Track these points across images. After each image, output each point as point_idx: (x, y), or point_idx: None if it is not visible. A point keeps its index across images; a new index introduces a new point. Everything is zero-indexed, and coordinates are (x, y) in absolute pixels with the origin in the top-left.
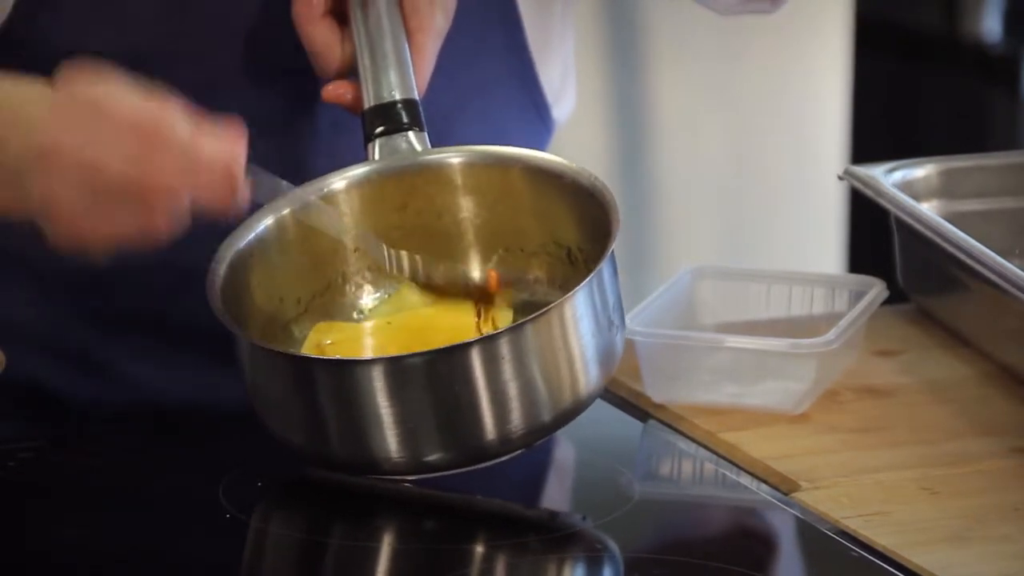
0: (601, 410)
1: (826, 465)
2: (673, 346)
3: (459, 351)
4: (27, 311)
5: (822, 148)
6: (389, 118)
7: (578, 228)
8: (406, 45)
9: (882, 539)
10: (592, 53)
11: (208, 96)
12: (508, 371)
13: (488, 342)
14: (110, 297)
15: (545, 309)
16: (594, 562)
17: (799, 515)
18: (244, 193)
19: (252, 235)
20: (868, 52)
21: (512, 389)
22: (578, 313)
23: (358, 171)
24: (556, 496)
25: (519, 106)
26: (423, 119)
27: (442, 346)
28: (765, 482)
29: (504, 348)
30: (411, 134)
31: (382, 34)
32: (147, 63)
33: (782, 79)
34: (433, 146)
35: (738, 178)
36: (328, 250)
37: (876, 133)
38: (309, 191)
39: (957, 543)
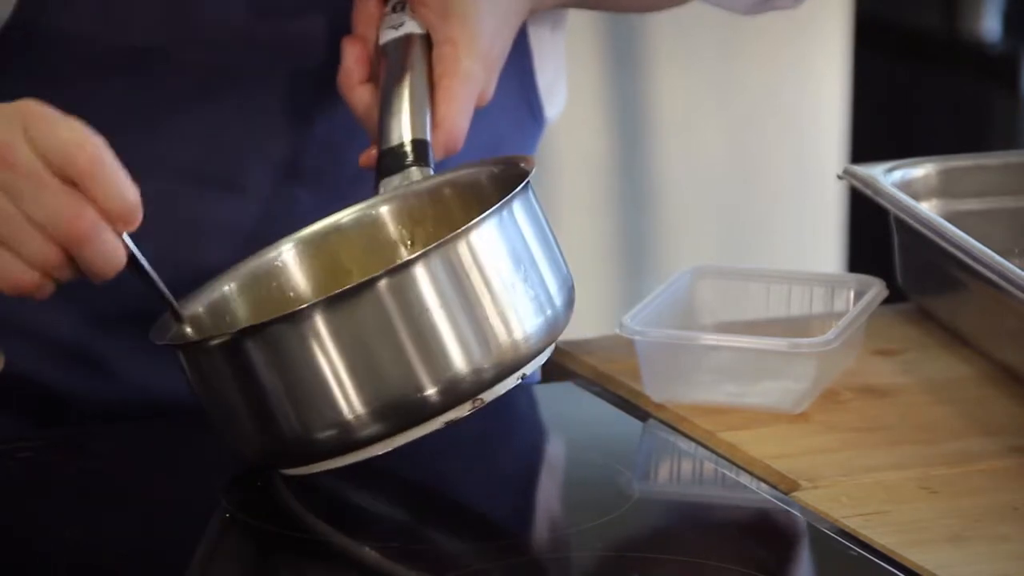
0: (601, 410)
1: (826, 464)
2: (673, 346)
3: (366, 286)
4: (26, 308)
5: (822, 148)
6: (395, 159)
7: None
8: (426, 91)
9: (882, 538)
10: (591, 53)
11: (210, 95)
12: (424, 303)
13: (394, 273)
14: (110, 295)
15: (452, 235)
16: (593, 562)
17: (799, 514)
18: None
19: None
20: (868, 52)
21: (434, 326)
22: (487, 245)
23: (296, 241)
24: (554, 495)
25: (514, 106)
26: (430, 156)
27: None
28: (765, 481)
29: (415, 279)
30: (413, 170)
31: (401, 85)
32: (152, 61)
33: (782, 79)
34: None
35: (738, 178)
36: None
37: (876, 133)
38: (252, 266)
39: (956, 543)
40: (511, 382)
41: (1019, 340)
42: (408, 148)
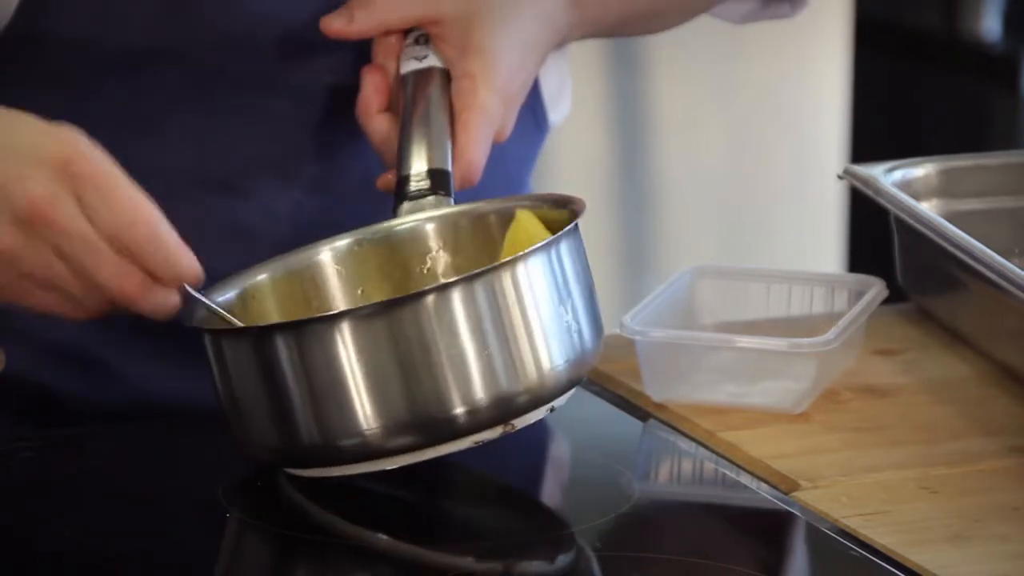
0: (601, 409)
1: (826, 464)
2: (673, 346)
3: (407, 300)
4: (26, 310)
5: (822, 148)
6: (416, 185)
7: None
8: (447, 123)
9: (882, 538)
10: (591, 53)
11: (210, 98)
12: (462, 326)
13: (438, 292)
14: None
15: (496, 264)
16: (594, 562)
17: (799, 514)
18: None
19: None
20: (868, 52)
21: (469, 349)
22: (531, 279)
23: (341, 242)
24: (555, 495)
25: (519, 115)
26: (451, 186)
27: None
28: (765, 481)
29: (456, 301)
30: (433, 199)
31: (423, 115)
32: (152, 62)
33: (782, 79)
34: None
35: (738, 178)
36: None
37: (876, 133)
38: (292, 261)
39: (957, 543)
40: (540, 412)
41: (1019, 340)
42: (430, 176)
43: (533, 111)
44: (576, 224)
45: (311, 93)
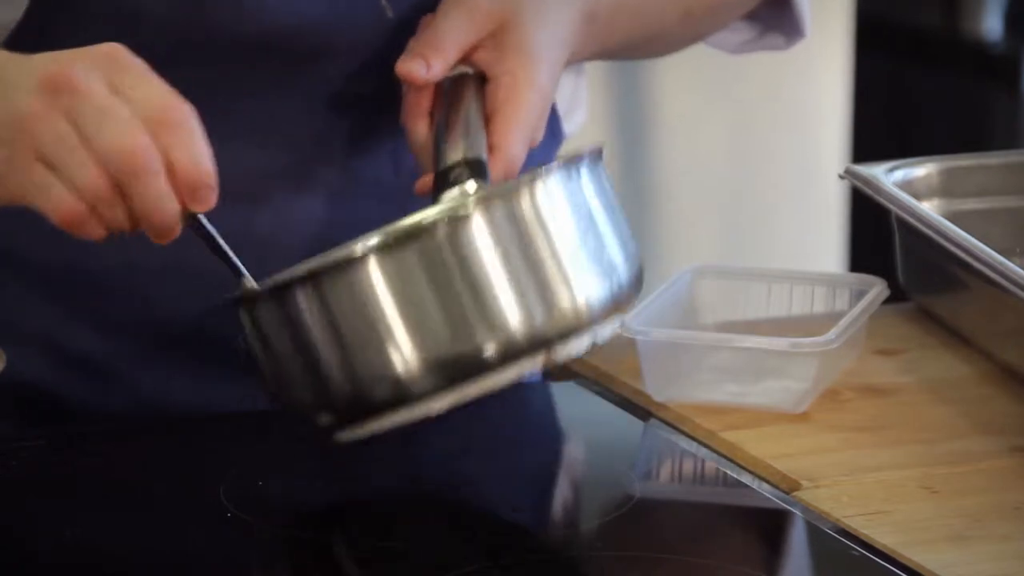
0: (602, 409)
1: (827, 464)
2: (674, 345)
3: (424, 229)
4: (28, 313)
5: (822, 148)
6: (454, 175)
7: None
8: (481, 120)
9: (883, 538)
10: None
11: (216, 99)
12: (480, 252)
13: (454, 219)
14: (111, 300)
15: (515, 182)
16: (594, 562)
17: (800, 514)
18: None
19: None
20: (868, 52)
21: (489, 277)
22: (552, 199)
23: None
24: (556, 495)
25: None
26: (487, 175)
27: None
28: (766, 481)
29: (474, 226)
30: (471, 183)
31: (458, 114)
32: (160, 66)
33: (783, 79)
34: None
35: (739, 178)
36: None
37: (876, 133)
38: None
39: (958, 542)
40: (581, 344)
41: (1020, 340)
42: (467, 165)
43: (549, 125)
44: (599, 154)
45: (324, 99)
